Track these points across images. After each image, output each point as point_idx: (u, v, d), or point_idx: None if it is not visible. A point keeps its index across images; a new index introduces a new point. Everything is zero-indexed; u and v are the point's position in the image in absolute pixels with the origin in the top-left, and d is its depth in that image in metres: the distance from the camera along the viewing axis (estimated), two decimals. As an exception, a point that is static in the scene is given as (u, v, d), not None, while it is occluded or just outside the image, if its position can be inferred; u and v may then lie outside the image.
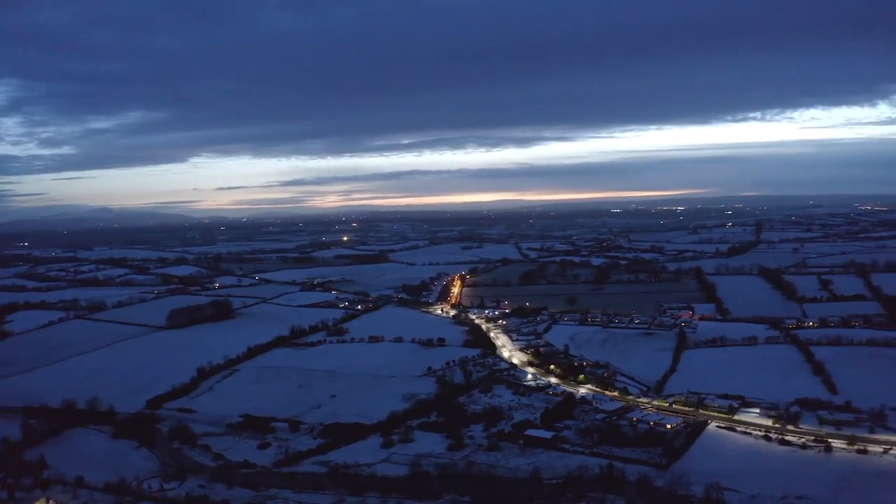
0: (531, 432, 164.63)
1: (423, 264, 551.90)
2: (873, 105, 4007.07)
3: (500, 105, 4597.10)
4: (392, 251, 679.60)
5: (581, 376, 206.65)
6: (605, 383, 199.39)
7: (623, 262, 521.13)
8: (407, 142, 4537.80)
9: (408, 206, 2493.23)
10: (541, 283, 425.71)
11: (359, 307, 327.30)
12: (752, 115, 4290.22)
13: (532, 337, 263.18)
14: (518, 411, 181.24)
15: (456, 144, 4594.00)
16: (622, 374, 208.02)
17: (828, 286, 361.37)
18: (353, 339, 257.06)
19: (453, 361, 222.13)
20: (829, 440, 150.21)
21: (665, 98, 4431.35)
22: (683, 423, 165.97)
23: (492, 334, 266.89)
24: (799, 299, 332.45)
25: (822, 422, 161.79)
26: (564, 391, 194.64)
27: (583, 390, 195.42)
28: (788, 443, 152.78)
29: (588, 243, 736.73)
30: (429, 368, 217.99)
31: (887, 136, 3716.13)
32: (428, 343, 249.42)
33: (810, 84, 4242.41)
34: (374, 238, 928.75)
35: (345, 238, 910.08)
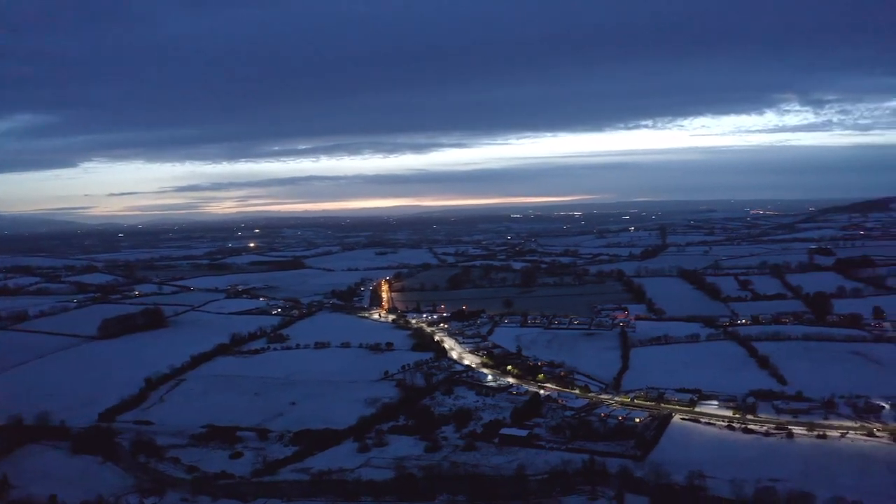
0: (506, 431, 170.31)
1: (342, 270, 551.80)
2: (761, 114, 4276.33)
3: (398, 111, 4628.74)
4: (305, 257, 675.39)
5: (541, 376, 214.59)
6: (564, 382, 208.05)
7: (544, 266, 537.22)
8: (304, 147, 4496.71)
9: (305, 211, 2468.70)
10: (468, 287, 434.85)
11: (294, 313, 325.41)
12: (644, 122, 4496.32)
13: (478, 339, 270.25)
14: (485, 411, 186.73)
15: (353, 150, 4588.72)
16: (579, 373, 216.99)
17: (748, 286, 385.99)
18: (297, 346, 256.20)
19: (409, 365, 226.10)
20: (790, 427, 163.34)
21: (559, 106, 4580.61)
22: (650, 416, 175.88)
23: (437, 337, 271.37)
24: (724, 299, 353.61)
25: (778, 411, 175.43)
26: (528, 391, 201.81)
27: (544, 389, 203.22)
28: (752, 431, 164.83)
29: (500, 248, 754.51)
30: (386, 373, 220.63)
31: (774, 144, 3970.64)
32: (376, 348, 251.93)
33: (700, 93, 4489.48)
34: (282, 244, 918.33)
35: (251, 244, 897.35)
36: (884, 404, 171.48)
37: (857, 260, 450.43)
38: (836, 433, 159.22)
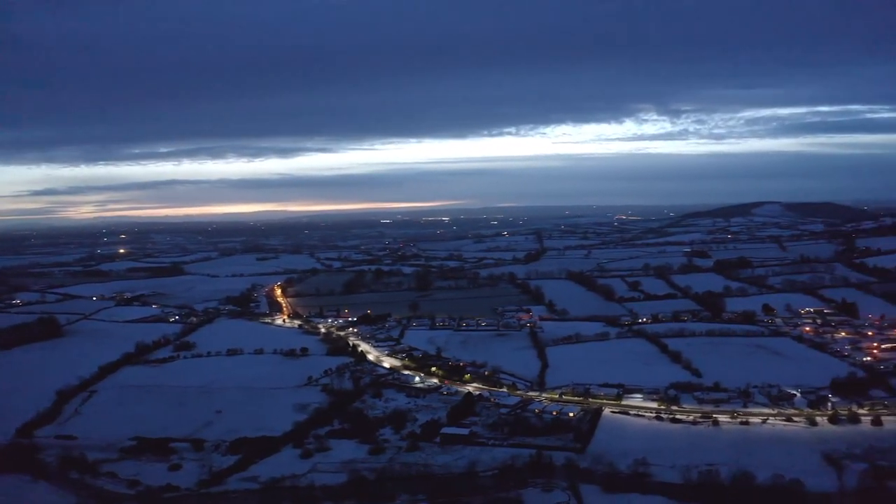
0: (447, 430, 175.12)
1: (227, 276, 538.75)
2: (620, 122, 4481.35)
3: (262, 115, 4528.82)
4: (184, 263, 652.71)
5: (467, 376, 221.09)
6: (491, 381, 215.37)
7: (434, 270, 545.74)
8: (165, 150, 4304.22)
9: (167, 216, 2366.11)
10: (364, 292, 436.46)
11: (192, 320, 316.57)
12: (507, 129, 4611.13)
13: (392, 342, 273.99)
14: (419, 413, 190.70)
15: (216, 154, 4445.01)
16: (504, 372, 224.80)
17: (637, 287, 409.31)
18: (209, 353, 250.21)
19: (331, 370, 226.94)
20: (715, 416, 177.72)
21: (424, 112, 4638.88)
22: (582, 410, 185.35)
23: (351, 342, 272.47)
24: (618, 300, 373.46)
25: (700, 401, 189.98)
26: (458, 391, 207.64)
27: (469, 388, 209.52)
28: (680, 421, 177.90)
29: (382, 252, 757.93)
30: (310, 378, 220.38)
31: (633, 151, 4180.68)
32: (291, 353, 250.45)
33: (561, 102, 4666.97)
34: (155, 250, 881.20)
35: (122, 250, 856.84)
36: (794, 392, 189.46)
37: (735, 261, 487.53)
38: (757, 419, 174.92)
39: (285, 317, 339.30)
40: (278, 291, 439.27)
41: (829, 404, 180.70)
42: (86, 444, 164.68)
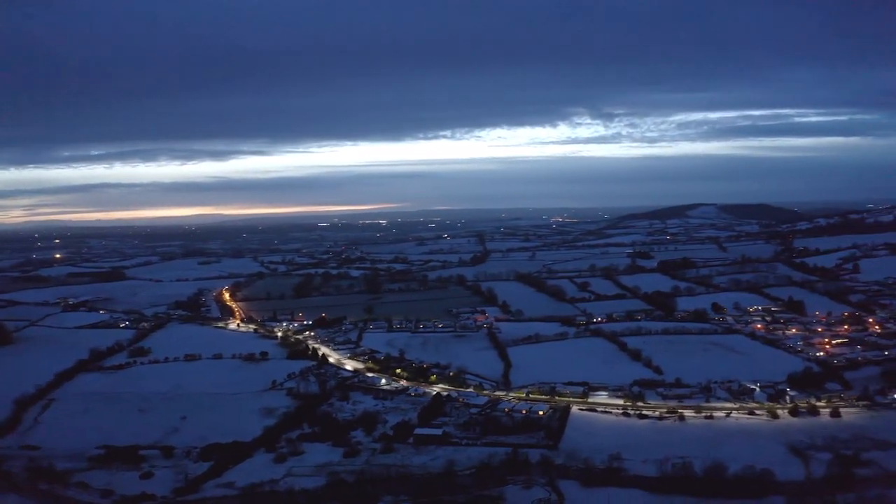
0: (420, 431, 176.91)
1: (171, 280, 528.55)
2: (554, 126, 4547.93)
3: (195, 117, 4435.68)
4: (125, 268, 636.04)
5: (433, 377, 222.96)
6: (457, 382, 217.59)
7: (382, 273, 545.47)
8: (97, 153, 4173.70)
9: (99, 220, 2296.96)
10: (315, 295, 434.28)
11: (143, 326, 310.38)
12: (442, 133, 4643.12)
13: (351, 345, 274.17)
14: (388, 414, 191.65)
15: (148, 157, 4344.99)
16: (469, 373, 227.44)
17: (587, 288, 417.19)
18: (166, 359, 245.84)
19: (295, 373, 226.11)
20: (680, 411, 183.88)
21: (359, 115, 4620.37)
22: (551, 408, 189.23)
23: (310, 345, 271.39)
24: (570, 300, 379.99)
25: (664, 397, 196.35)
26: (425, 392, 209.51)
27: (436, 389, 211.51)
28: (647, 416, 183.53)
29: (325, 256, 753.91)
30: (274, 382, 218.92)
31: (568, 155, 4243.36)
32: (251, 358, 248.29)
33: (496, 105, 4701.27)
34: (92, 255, 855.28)
35: (58, 255, 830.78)
36: (753, 387, 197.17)
37: (679, 262, 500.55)
38: (721, 414, 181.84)
39: (238, 321, 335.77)
40: (227, 296, 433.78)
41: (788, 398, 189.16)
42: (51, 453, 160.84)
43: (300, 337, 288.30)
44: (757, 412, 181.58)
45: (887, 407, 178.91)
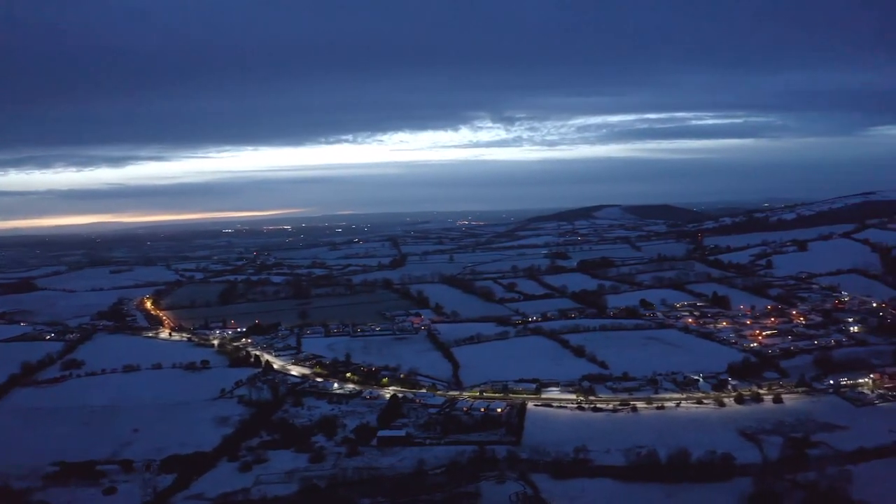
0: (383, 433, 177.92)
1: (86, 290, 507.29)
2: (456, 130, 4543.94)
3: (91, 122, 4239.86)
4: (33, 278, 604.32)
5: (384, 380, 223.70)
6: (410, 383, 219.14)
7: (304, 278, 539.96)
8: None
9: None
10: (242, 302, 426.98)
11: (69, 337, 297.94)
12: (344, 137, 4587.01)
13: (293, 351, 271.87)
14: (346, 418, 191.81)
15: (43, 163, 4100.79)
16: (420, 374, 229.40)
17: (513, 288, 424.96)
18: (103, 371, 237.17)
19: (242, 381, 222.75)
20: (633, 403, 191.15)
21: (259, 119, 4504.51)
22: (508, 405, 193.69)
23: (251, 352, 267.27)
24: (500, 301, 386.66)
25: (614, 391, 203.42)
26: (379, 395, 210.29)
27: (389, 391, 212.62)
28: (601, 409, 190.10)
29: (239, 262, 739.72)
30: (222, 390, 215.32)
31: (469, 159, 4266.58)
32: (192, 367, 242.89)
33: (398, 109, 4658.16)
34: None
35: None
36: (697, 377, 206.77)
37: (598, 261, 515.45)
38: (671, 404, 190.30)
39: (169, 330, 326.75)
40: (149, 304, 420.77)
41: (730, 387, 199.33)
42: (3, 472, 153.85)
43: (238, 344, 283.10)
44: (704, 401, 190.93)
45: (824, 392, 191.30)
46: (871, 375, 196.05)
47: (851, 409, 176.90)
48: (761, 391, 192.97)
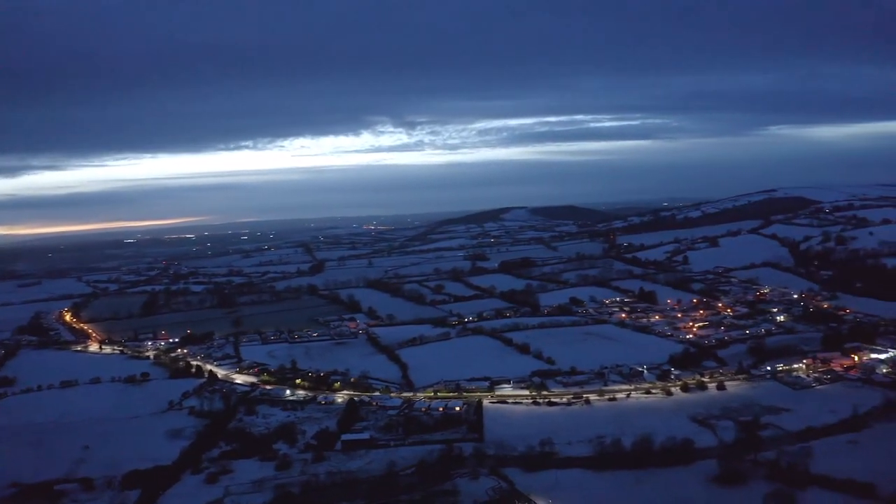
0: (347, 437, 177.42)
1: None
2: (357, 135, 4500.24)
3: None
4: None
5: (336, 384, 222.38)
6: (362, 387, 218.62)
7: (225, 287, 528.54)
8: None
9: None
10: (166, 312, 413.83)
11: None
12: (244, 143, 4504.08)
13: (233, 359, 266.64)
14: (304, 424, 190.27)
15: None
16: (371, 378, 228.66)
17: (442, 290, 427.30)
18: (39, 387, 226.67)
19: (189, 392, 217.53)
20: (585, 396, 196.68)
21: (157, 126, 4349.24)
22: (465, 404, 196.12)
23: (191, 363, 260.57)
24: (431, 303, 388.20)
25: (565, 385, 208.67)
26: (334, 399, 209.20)
27: (340, 397, 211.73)
28: (555, 403, 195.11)
29: (152, 273, 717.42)
30: (171, 402, 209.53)
31: (371, 163, 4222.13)
32: (132, 380, 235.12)
33: (298, 115, 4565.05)
34: None
35: None
36: (641, 369, 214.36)
37: (519, 261, 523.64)
38: (622, 395, 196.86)
39: (98, 343, 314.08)
40: (69, 318, 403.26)
41: (673, 377, 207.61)
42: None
43: (174, 355, 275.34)
44: (652, 391, 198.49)
45: (762, 378, 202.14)
46: (804, 361, 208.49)
47: (791, 393, 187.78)
48: (705, 379, 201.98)
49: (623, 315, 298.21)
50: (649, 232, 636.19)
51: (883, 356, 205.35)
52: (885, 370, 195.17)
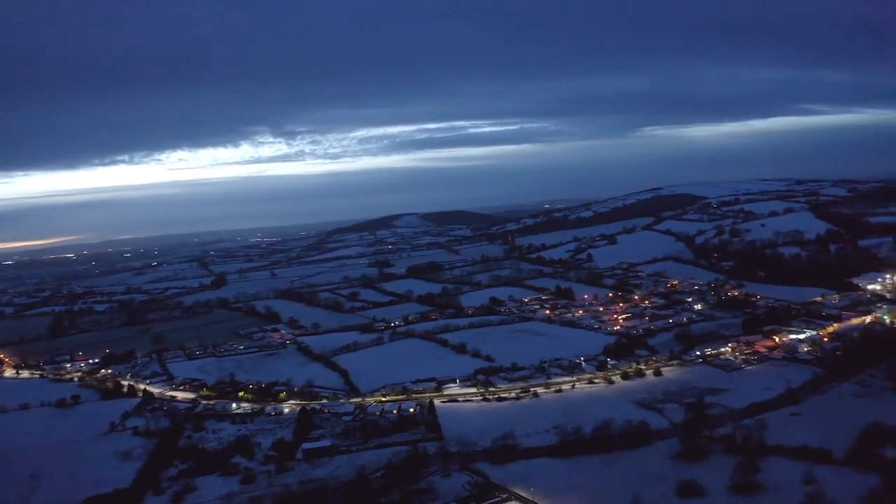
0: (308, 445, 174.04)
1: None
2: (237, 146, 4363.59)
3: None
4: None
5: (282, 395, 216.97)
6: (308, 395, 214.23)
7: (132, 305, 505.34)
8: None
9: None
10: (75, 333, 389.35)
11: None
12: (120, 158, 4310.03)
13: (163, 377, 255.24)
14: (257, 436, 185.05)
15: None
16: (316, 386, 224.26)
17: (357, 297, 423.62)
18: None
19: (129, 412, 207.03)
20: (532, 389, 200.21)
21: (27, 142, 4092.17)
22: (418, 405, 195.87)
23: (118, 382, 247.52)
24: (350, 310, 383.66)
25: (509, 380, 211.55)
26: (283, 410, 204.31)
27: (287, 407, 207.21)
28: (505, 399, 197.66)
29: (47, 293, 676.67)
30: (112, 424, 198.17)
31: (252, 175, 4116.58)
32: (63, 404, 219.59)
33: (175, 126, 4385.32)
34: None
35: None
36: (579, 361, 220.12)
37: (426, 266, 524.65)
38: (567, 386, 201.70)
39: (13, 368, 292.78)
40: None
41: (609, 366, 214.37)
42: None
43: (99, 376, 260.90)
44: (595, 381, 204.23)
45: (694, 363, 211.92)
46: (730, 345, 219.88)
47: (724, 375, 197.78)
48: (642, 367, 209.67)
49: (547, 312, 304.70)
50: (544, 233, 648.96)
51: (801, 336, 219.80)
52: (806, 348, 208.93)
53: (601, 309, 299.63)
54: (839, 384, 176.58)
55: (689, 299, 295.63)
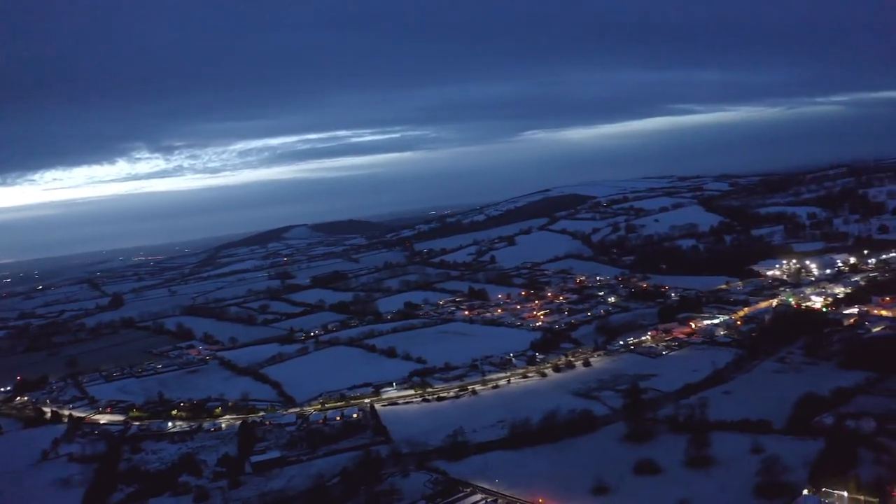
0: (257, 458, 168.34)
1: None
2: (113, 163, 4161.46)
3: None
4: None
5: (217, 410, 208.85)
6: (244, 409, 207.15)
7: (31, 330, 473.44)
8: None
9: None
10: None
11: None
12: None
13: (85, 401, 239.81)
14: (201, 454, 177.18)
15: None
16: (251, 399, 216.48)
17: (268, 310, 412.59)
18: None
19: (59, 438, 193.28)
20: (470, 387, 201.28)
21: None
22: (361, 410, 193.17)
23: (45, 410, 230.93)
24: (263, 323, 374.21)
25: (446, 380, 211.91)
26: (221, 425, 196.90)
27: (224, 421, 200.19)
28: (444, 398, 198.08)
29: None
30: (44, 452, 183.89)
31: (129, 192, 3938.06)
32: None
33: (47, 145, 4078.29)
34: None
35: None
36: (510, 357, 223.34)
37: (330, 275, 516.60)
38: (503, 382, 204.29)
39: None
40: None
41: (539, 360, 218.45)
42: None
43: (15, 404, 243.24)
44: (528, 375, 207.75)
45: (619, 352, 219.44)
46: (650, 333, 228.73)
47: (650, 361, 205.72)
48: (571, 359, 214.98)
49: (465, 312, 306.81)
50: (440, 238, 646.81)
51: (716, 321, 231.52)
52: (723, 332, 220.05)
53: (518, 307, 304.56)
54: (761, 362, 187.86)
55: (601, 293, 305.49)
